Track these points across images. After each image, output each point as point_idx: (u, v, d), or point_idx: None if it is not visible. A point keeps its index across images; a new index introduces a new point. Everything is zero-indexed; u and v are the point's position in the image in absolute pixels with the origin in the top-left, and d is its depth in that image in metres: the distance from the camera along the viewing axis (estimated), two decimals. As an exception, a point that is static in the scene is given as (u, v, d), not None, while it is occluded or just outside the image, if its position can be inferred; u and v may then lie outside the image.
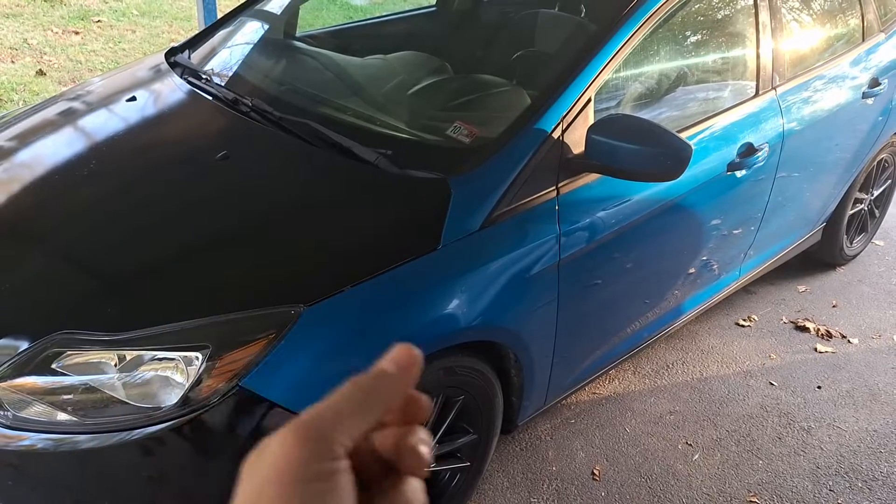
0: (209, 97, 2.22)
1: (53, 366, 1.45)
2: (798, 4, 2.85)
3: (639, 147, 1.78)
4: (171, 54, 2.53)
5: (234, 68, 2.53)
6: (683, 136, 2.05)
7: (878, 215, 3.68)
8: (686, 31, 2.37)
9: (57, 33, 5.60)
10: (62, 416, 1.44)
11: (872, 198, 3.56)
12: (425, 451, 0.37)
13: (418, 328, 1.63)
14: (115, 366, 1.45)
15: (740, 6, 2.50)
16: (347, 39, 2.94)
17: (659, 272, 2.36)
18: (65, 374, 1.45)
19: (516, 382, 2.00)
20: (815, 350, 2.98)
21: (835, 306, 3.29)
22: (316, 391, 1.35)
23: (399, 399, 0.38)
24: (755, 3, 2.45)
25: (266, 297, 1.52)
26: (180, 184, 1.93)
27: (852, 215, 3.42)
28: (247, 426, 1.46)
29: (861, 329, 3.13)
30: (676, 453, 2.40)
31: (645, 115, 2.09)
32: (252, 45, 2.68)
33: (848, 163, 3.09)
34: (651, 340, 2.53)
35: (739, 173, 2.34)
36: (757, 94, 2.45)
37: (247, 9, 2.74)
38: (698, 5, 2.33)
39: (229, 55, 2.61)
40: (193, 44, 2.62)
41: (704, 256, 2.50)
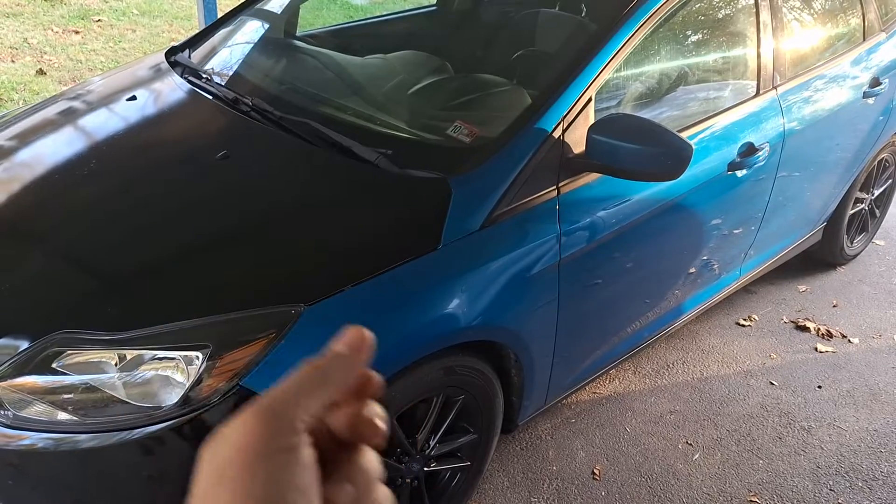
0: (209, 96, 2.22)
1: (54, 365, 1.45)
2: (799, 4, 2.85)
3: (639, 147, 1.78)
4: (172, 53, 2.53)
5: (235, 67, 2.53)
6: (684, 135, 2.05)
7: (878, 215, 3.68)
8: (687, 31, 2.37)
9: (57, 33, 5.60)
10: (62, 416, 1.44)
11: (873, 197, 3.55)
12: (380, 422, 0.39)
13: (418, 328, 1.63)
14: (116, 365, 1.45)
15: (741, 5, 2.50)
16: (348, 39, 2.94)
17: (659, 272, 2.36)
18: (65, 374, 1.45)
19: (516, 382, 2.00)
20: (816, 350, 2.98)
21: (835, 306, 3.29)
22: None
23: (352, 378, 0.39)
24: (756, 3, 2.45)
25: (266, 297, 1.52)
26: (180, 183, 1.93)
27: (853, 215, 3.42)
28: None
29: (861, 329, 3.13)
30: (677, 453, 2.40)
31: (645, 114, 2.09)
32: (252, 45, 2.67)
33: (849, 162, 3.08)
34: (651, 340, 2.53)
35: (740, 173, 2.34)
36: (757, 94, 2.45)
37: (247, 8, 2.74)
38: (699, 5, 2.33)
39: (229, 54, 2.61)
40: (194, 43, 2.62)
41: (705, 256, 2.50)
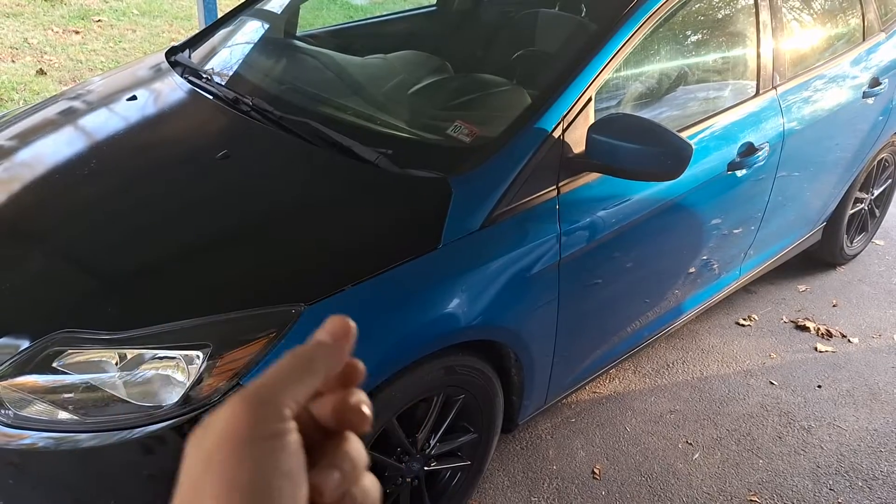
0: (210, 96, 2.22)
1: (54, 364, 1.45)
2: (799, 4, 2.85)
3: (639, 146, 1.78)
4: (172, 53, 2.54)
5: (235, 67, 2.53)
6: (684, 135, 2.05)
7: (878, 215, 3.68)
8: (686, 31, 2.37)
9: (57, 33, 5.60)
10: (63, 415, 1.44)
11: (873, 197, 3.56)
12: (366, 409, 0.39)
13: (419, 327, 1.64)
14: (116, 364, 1.45)
15: (741, 5, 2.50)
16: (348, 39, 2.94)
17: (659, 271, 2.36)
18: (66, 373, 1.45)
19: (517, 381, 2.00)
20: (816, 349, 2.98)
21: (835, 306, 3.29)
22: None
23: (337, 367, 0.39)
24: (756, 3, 2.45)
25: (267, 297, 1.52)
26: (181, 183, 1.93)
27: (852, 215, 3.42)
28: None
29: (861, 328, 3.13)
30: (677, 452, 2.41)
31: (645, 114, 2.09)
32: (252, 45, 2.68)
33: (848, 162, 3.09)
34: (651, 339, 2.54)
35: (740, 173, 2.34)
36: (757, 94, 2.45)
37: (247, 8, 2.74)
38: (699, 5, 2.33)
39: (230, 54, 2.61)
40: (194, 43, 2.62)
41: (705, 256, 2.50)
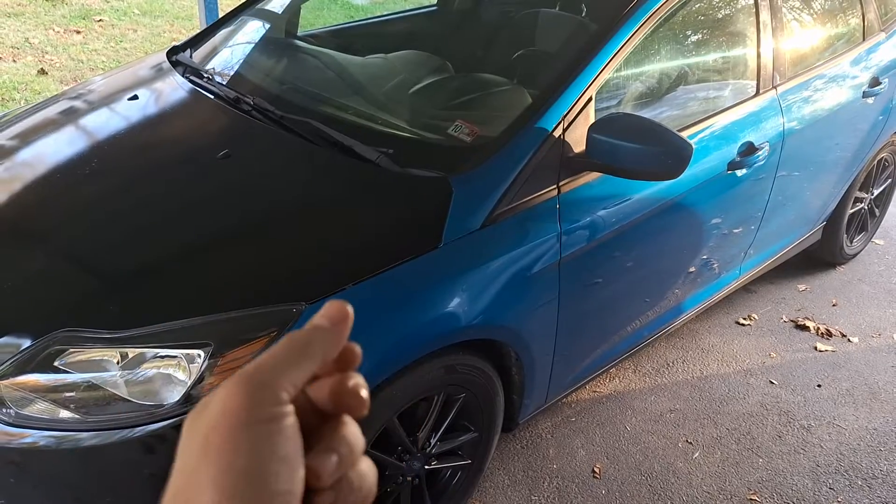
0: (211, 96, 2.22)
1: (56, 363, 1.45)
2: (799, 4, 2.85)
3: (640, 146, 1.79)
4: (173, 53, 2.54)
5: (236, 67, 2.53)
6: (684, 135, 2.05)
7: (878, 214, 3.69)
8: (687, 31, 2.37)
9: (58, 32, 5.61)
10: (64, 414, 1.44)
11: (872, 197, 3.56)
12: (364, 392, 0.39)
13: (419, 326, 1.64)
14: (118, 363, 1.46)
15: (741, 5, 2.51)
16: (349, 39, 2.94)
17: (659, 271, 2.36)
18: (67, 372, 1.45)
19: (517, 380, 2.00)
20: (815, 349, 2.98)
21: (835, 305, 3.29)
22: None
23: (335, 351, 0.39)
24: (756, 3, 2.45)
25: (267, 296, 1.52)
26: (182, 182, 1.93)
27: (852, 214, 3.42)
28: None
29: (861, 328, 3.14)
30: (677, 451, 2.41)
31: (646, 114, 2.09)
32: (253, 44, 2.68)
33: (848, 162, 3.09)
34: (651, 339, 2.54)
35: (740, 172, 2.34)
36: (757, 94, 2.46)
37: (248, 8, 2.75)
38: (699, 4, 2.33)
39: (231, 54, 2.61)
40: (195, 43, 2.63)
41: (705, 255, 2.50)
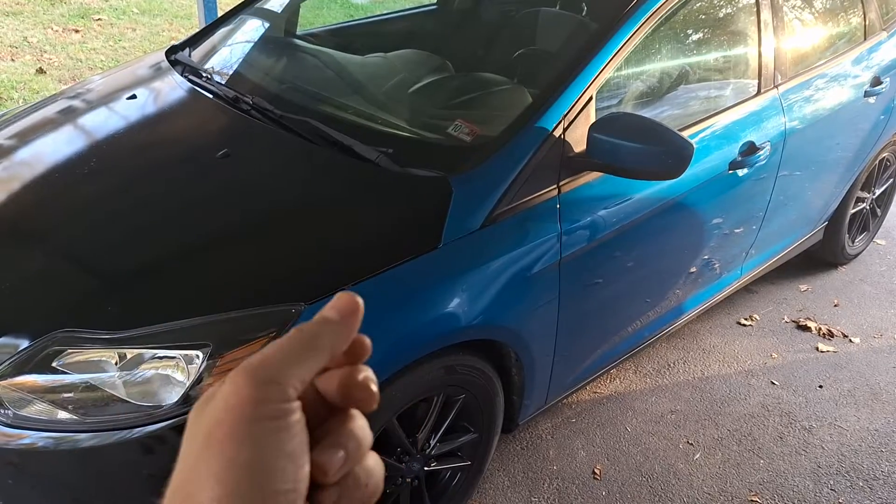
0: (210, 95, 2.21)
1: (54, 364, 1.45)
2: (800, 3, 2.85)
3: (640, 145, 1.78)
4: (172, 52, 2.53)
5: (235, 66, 2.52)
6: (685, 134, 2.05)
7: (879, 214, 3.68)
8: (687, 30, 2.37)
9: (57, 31, 5.60)
10: (62, 415, 1.44)
11: (874, 197, 3.55)
12: (374, 386, 0.38)
13: (419, 327, 1.63)
14: (116, 364, 1.45)
15: (742, 4, 2.50)
16: (348, 38, 2.94)
17: (660, 271, 2.35)
18: (65, 373, 1.45)
19: (517, 381, 1.99)
20: (817, 349, 2.97)
21: (836, 305, 3.28)
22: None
23: (344, 344, 0.38)
24: (757, 2, 2.44)
25: (267, 296, 1.52)
26: (181, 182, 1.93)
27: (854, 214, 3.42)
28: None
29: (863, 328, 3.13)
30: (677, 452, 2.40)
31: (646, 113, 2.09)
32: (253, 44, 2.67)
33: (850, 162, 3.08)
34: (652, 339, 2.53)
35: (741, 172, 2.34)
36: (759, 93, 2.45)
37: (247, 7, 2.74)
38: (700, 4, 2.32)
39: (230, 53, 2.61)
40: (194, 42, 2.62)
41: (706, 255, 2.49)
